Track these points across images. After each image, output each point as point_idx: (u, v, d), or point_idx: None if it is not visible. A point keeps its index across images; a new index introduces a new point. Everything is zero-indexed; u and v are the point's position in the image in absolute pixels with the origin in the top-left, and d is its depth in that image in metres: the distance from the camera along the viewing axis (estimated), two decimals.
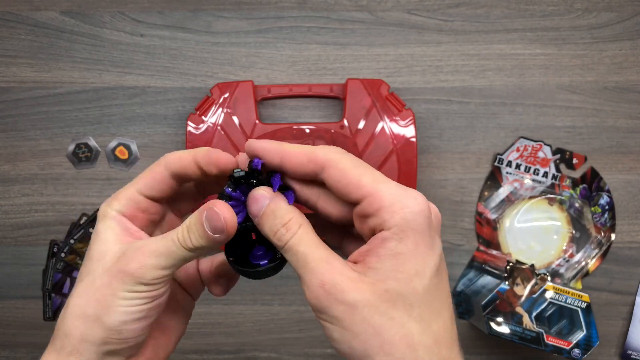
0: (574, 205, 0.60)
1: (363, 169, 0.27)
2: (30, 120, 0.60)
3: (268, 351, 0.61)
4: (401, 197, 0.26)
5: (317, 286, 0.26)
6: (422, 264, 0.26)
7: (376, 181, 0.27)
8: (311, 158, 0.27)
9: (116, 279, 0.28)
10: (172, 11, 0.61)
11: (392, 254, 0.26)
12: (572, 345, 0.56)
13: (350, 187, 0.27)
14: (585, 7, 0.61)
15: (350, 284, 0.26)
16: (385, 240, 0.26)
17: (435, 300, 0.26)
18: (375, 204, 0.26)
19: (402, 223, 0.26)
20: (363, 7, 0.61)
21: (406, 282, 0.26)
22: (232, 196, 0.29)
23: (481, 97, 0.61)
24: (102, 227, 0.30)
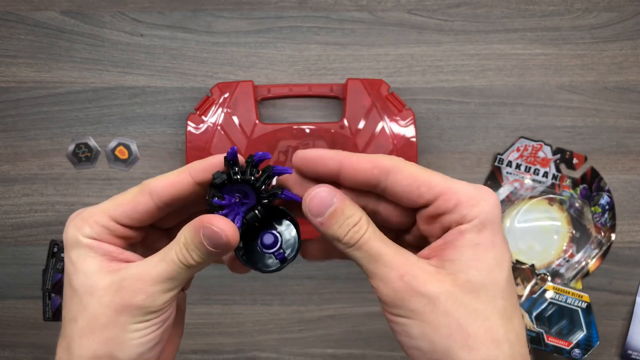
0: (574, 205, 0.60)
1: (430, 171, 0.26)
2: (30, 120, 0.60)
3: (268, 351, 0.61)
4: (476, 191, 0.26)
5: (396, 278, 0.25)
6: (501, 256, 0.25)
7: (447, 180, 0.26)
8: (375, 164, 0.26)
9: (123, 314, 0.26)
10: (172, 11, 0.60)
11: (471, 244, 0.25)
12: (573, 345, 0.56)
13: (422, 189, 0.26)
14: (585, 7, 0.61)
15: (430, 276, 0.25)
16: (463, 232, 0.25)
17: (513, 293, 0.26)
18: (451, 200, 0.26)
19: (482, 215, 0.25)
20: (363, 7, 0.61)
21: (488, 272, 0.25)
22: (223, 205, 0.27)
23: (481, 97, 0.61)
24: (79, 257, 0.27)
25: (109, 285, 0.27)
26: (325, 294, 0.60)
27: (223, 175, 0.27)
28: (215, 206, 0.27)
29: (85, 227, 0.27)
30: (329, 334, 0.61)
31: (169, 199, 0.28)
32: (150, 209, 0.28)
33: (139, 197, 0.27)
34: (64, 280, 0.28)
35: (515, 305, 0.26)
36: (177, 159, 0.60)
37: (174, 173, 0.28)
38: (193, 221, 0.27)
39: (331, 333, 0.61)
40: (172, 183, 0.27)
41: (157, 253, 0.28)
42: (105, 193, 0.60)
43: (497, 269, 0.25)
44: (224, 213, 0.27)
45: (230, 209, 0.28)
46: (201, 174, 0.27)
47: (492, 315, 0.25)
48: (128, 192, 0.28)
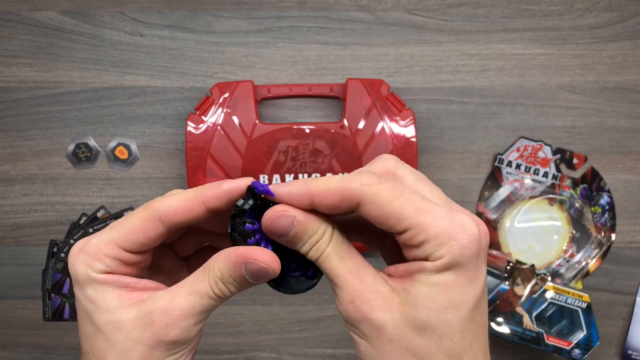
0: (574, 205, 0.60)
1: (404, 199, 0.25)
2: (30, 120, 0.60)
3: (268, 351, 0.61)
4: (447, 227, 0.24)
5: (347, 301, 0.25)
6: (460, 297, 0.25)
7: (419, 211, 0.24)
8: (344, 196, 0.25)
9: (157, 349, 0.26)
10: (172, 11, 0.60)
11: (428, 283, 0.25)
12: (573, 345, 0.56)
13: (392, 222, 0.25)
14: (585, 7, 0.61)
15: (381, 302, 0.25)
16: (423, 269, 0.25)
17: (470, 333, 0.25)
18: (419, 236, 0.24)
19: (447, 257, 0.24)
20: (363, 7, 0.61)
21: (438, 313, 0.24)
22: (255, 230, 0.27)
23: (481, 97, 0.61)
24: (96, 294, 0.27)
25: (135, 318, 0.26)
26: (325, 294, 0.60)
27: (250, 201, 0.26)
28: (248, 232, 0.26)
29: (96, 263, 0.27)
30: (328, 334, 0.61)
31: (180, 225, 0.27)
32: (162, 234, 0.27)
33: (149, 224, 0.27)
34: (79, 316, 0.28)
35: (469, 343, 0.25)
36: (177, 159, 0.60)
37: (185, 199, 0.27)
38: (229, 254, 0.26)
39: (331, 333, 0.61)
40: (185, 210, 0.27)
41: (181, 284, 0.27)
42: (105, 193, 0.60)
43: (451, 310, 0.25)
44: (257, 239, 0.27)
45: (261, 234, 0.27)
46: (215, 202, 0.27)
47: (436, 353, 0.25)
48: (134, 217, 0.27)
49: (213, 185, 0.27)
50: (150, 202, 0.28)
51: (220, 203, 0.27)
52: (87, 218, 0.60)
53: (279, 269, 0.26)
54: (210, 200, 0.27)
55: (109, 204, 0.60)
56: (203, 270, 0.27)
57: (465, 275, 0.25)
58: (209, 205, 0.27)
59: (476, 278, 0.25)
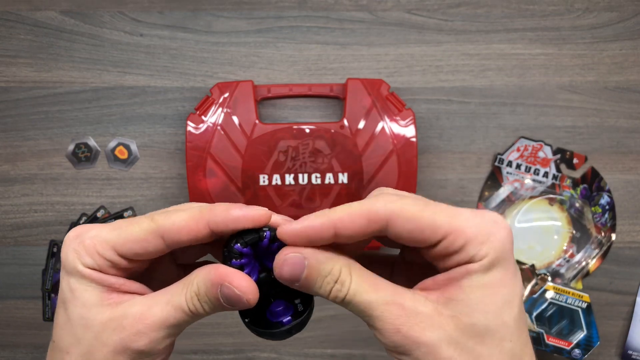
0: (575, 205, 0.60)
1: (432, 208, 0.24)
2: (30, 120, 0.60)
3: (268, 351, 0.61)
4: (483, 225, 0.24)
5: (393, 332, 0.24)
6: (511, 294, 0.24)
7: (451, 216, 0.24)
8: (371, 218, 0.24)
9: (122, 354, 0.25)
10: (172, 11, 0.60)
11: (479, 285, 0.24)
12: (573, 345, 0.56)
13: (427, 233, 0.24)
14: (585, 6, 0.61)
15: (429, 321, 0.24)
16: (470, 272, 0.24)
17: (524, 331, 0.25)
18: (458, 240, 0.24)
19: (491, 253, 0.24)
20: (363, 7, 0.61)
21: (495, 315, 0.24)
22: (243, 253, 0.26)
23: (481, 97, 0.61)
24: (77, 286, 0.26)
25: (107, 320, 0.26)
26: None
27: (256, 236, 0.25)
28: (235, 253, 0.25)
29: (87, 257, 0.26)
30: (329, 334, 0.61)
31: (182, 244, 0.26)
32: (161, 250, 0.26)
33: (150, 238, 0.26)
34: (57, 301, 0.27)
35: (525, 342, 0.25)
36: (177, 159, 0.60)
37: (190, 217, 0.26)
38: (210, 272, 0.25)
39: (331, 333, 0.61)
40: (189, 230, 0.26)
41: (162, 292, 0.26)
42: (105, 193, 0.60)
43: (506, 309, 0.24)
44: (243, 262, 0.26)
45: (249, 259, 0.26)
46: (221, 227, 0.25)
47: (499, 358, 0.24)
48: (137, 227, 0.26)
49: (222, 208, 0.25)
50: (156, 214, 0.26)
51: (225, 229, 0.26)
52: (87, 218, 0.60)
53: (255, 300, 0.25)
54: (216, 225, 0.25)
55: (109, 204, 0.60)
56: (183, 283, 0.26)
57: (510, 270, 0.24)
58: (214, 228, 0.26)
59: (517, 271, 0.25)
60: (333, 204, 0.57)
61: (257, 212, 0.25)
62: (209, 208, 0.26)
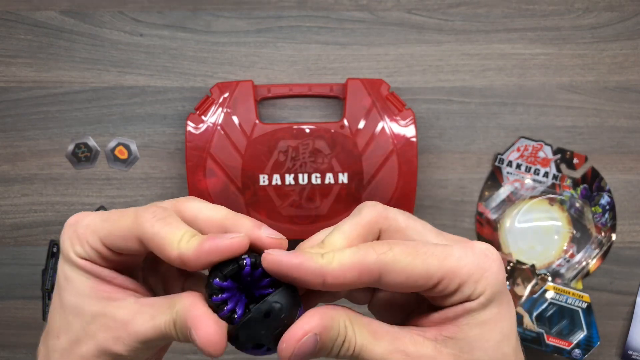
0: (575, 205, 0.60)
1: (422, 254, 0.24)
2: (30, 120, 0.60)
3: None
4: (476, 262, 0.24)
5: None
6: (508, 327, 0.24)
7: (443, 259, 0.24)
8: (363, 271, 0.23)
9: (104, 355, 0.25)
10: (171, 11, 0.60)
11: (477, 323, 0.24)
12: (573, 345, 0.56)
13: (420, 282, 0.24)
14: (585, 6, 0.61)
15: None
16: (468, 310, 0.24)
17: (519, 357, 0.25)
18: (453, 283, 0.24)
19: (488, 291, 0.24)
20: (363, 7, 0.61)
21: (495, 350, 0.24)
22: (224, 287, 0.24)
23: (481, 96, 0.61)
24: (72, 274, 0.26)
25: (96, 313, 0.25)
26: None
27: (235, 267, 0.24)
28: (214, 289, 0.24)
29: (79, 246, 0.26)
30: None
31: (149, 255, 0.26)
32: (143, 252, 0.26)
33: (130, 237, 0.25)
34: (55, 285, 0.27)
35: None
36: (177, 159, 0.60)
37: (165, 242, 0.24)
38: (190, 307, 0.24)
39: None
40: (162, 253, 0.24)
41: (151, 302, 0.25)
42: (104, 193, 0.60)
43: (505, 342, 0.24)
44: (225, 297, 0.24)
45: (231, 292, 0.25)
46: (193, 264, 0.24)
47: None
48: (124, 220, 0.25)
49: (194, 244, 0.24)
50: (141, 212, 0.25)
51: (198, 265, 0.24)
52: None
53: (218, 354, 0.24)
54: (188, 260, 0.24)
55: (109, 204, 0.60)
56: (169, 303, 0.25)
57: (504, 302, 0.24)
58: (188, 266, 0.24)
59: (510, 300, 0.25)
60: (333, 204, 0.57)
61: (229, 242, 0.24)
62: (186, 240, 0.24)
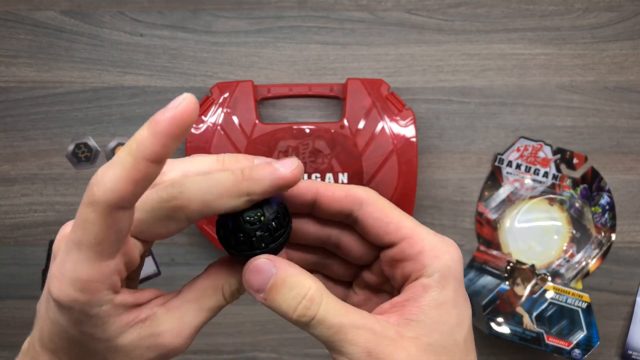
0: (575, 205, 0.60)
1: (402, 213, 0.26)
2: (30, 120, 0.60)
3: (268, 351, 0.61)
4: (441, 243, 0.26)
5: (364, 356, 0.24)
6: (462, 314, 0.26)
7: (416, 226, 0.26)
8: (349, 193, 0.26)
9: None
10: (171, 11, 0.60)
11: (435, 304, 0.25)
12: (573, 345, 0.56)
13: (391, 227, 0.26)
14: (585, 6, 0.61)
15: (393, 345, 0.24)
16: (426, 289, 0.25)
17: (472, 351, 0.26)
18: (416, 246, 0.25)
19: (444, 269, 0.25)
20: (363, 7, 0.61)
21: (449, 333, 0.25)
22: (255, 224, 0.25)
23: (481, 97, 0.61)
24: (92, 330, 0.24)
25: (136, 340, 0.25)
26: None
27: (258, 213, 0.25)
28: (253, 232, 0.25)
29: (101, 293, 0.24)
30: None
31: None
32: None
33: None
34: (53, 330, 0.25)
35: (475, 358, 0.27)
36: None
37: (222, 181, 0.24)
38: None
39: None
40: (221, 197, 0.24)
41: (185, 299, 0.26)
42: None
43: (457, 329, 0.25)
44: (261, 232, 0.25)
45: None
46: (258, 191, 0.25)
47: None
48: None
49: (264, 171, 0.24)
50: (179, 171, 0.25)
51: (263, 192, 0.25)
52: None
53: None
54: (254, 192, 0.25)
55: None
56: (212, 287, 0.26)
57: (460, 292, 0.26)
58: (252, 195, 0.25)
59: (467, 295, 0.27)
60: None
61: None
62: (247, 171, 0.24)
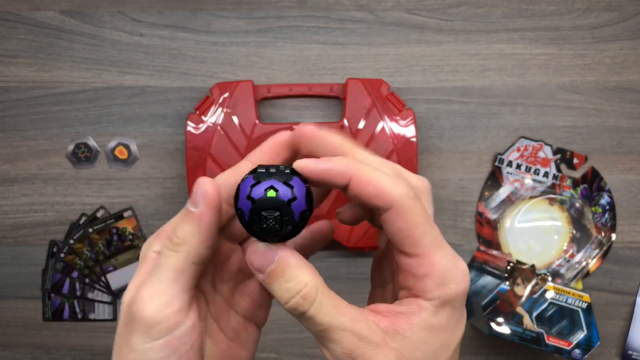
0: (575, 205, 0.60)
1: (428, 227, 0.26)
2: (30, 120, 0.60)
3: (268, 351, 0.61)
4: (450, 270, 0.26)
5: (344, 355, 0.25)
6: (449, 338, 0.27)
7: (434, 245, 0.26)
8: (381, 194, 0.26)
9: None
10: (171, 11, 0.60)
11: (425, 325, 0.26)
12: (573, 345, 0.56)
13: (408, 241, 0.26)
14: (585, 6, 0.61)
15: (375, 350, 0.25)
16: (422, 309, 0.26)
17: None
18: (424, 268, 0.26)
19: (443, 298, 0.26)
20: (363, 7, 0.61)
21: (432, 355, 0.26)
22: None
23: (481, 96, 0.61)
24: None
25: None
26: None
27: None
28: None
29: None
30: None
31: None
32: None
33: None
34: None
35: None
36: (177, 159, 0.60)
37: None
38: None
39: None
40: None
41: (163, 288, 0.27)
42: (104, 193, 0.60)
43: (442, 351, 0.26)
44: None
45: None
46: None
47: None
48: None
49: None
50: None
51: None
52: (86, 218, 0.60)
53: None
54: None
55: (109, 204, 0.60)
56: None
57: (455, 317, 0.27)
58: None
59: (460, 321, 0.27)
60: (333, 204, 0.57)
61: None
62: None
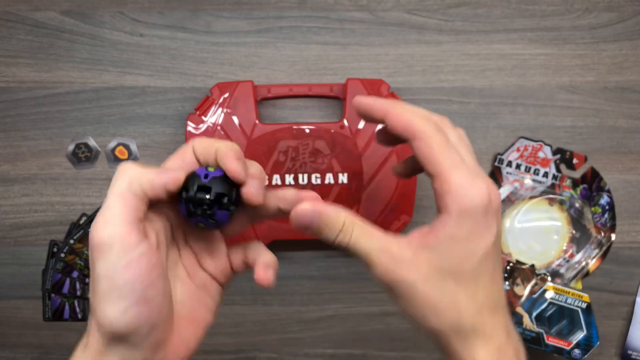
0: (574, 206, 0.60)
1: (447, 153, 0.32)
2: (30, 120, 0.60)
3: (268, 351, 0.61)
4: (467, 186, 0.31)
5: (382, 274, 0.31)
6: (472, 248, 0.31)
7: (451, 166, 0.31)
8: (407, 125, 0.33)
9: None
10: (172, 11, 0.60)
11: (449, 237, 0.31)
12: (573, 345, 0.56)
13: (431, 163, 0.32)
14: (585, 7, 0.61)
15: (409, 267, 0.31)
16: (445, 223, 0.31)
17: (481, 277, 0.31)
18: (444, 185, 0.31)
19: (461, 210, 0.30)
20: (363, 7, 0.61)
21: (457, 263, 0.31)
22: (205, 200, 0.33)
23: (481, 97, 0.61)
24: None
25: None
26: (325, 294, 0.60)
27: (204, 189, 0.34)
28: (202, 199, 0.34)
29: None
30: (329, 334, 0.61)
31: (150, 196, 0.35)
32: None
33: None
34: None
35: (482, 285, 0.32)
36: None
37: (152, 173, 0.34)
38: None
39: (331, 333, 0.61)
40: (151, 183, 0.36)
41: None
42: (105, 193, 0.60)
43: (466, 260, 0.31)
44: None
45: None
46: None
47: (457, 292, 0.31)
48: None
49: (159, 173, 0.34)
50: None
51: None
52: (87, 218, 0.60)
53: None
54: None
55: None
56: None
57: (475, 230, 0.31)
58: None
59: (484, 233, 0.31)
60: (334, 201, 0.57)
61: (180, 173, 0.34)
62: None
